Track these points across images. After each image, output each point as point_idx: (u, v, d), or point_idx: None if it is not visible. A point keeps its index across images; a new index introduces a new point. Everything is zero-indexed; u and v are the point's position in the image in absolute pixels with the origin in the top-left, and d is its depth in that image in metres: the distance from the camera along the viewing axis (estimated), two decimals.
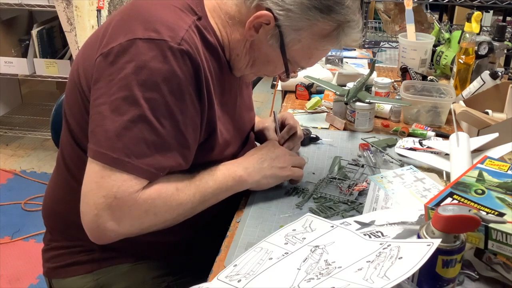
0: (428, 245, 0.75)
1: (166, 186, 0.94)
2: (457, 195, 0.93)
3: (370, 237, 0.89)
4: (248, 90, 1.24)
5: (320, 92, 1.71)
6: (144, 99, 0.88)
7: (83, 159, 0.93)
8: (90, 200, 0.89)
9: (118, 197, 0.88)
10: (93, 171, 0.89)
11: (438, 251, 0.75)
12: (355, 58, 2.07)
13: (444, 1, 2.22)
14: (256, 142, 1.29)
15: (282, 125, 1.25)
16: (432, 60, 1.96)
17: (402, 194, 1.12)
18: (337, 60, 1.83)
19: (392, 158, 1.31)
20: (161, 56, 0.88)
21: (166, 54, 0.88)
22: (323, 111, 1.61)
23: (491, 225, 0.81)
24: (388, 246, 0.81)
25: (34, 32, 2.86)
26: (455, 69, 1.69)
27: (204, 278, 0.89)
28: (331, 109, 1.59)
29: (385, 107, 1.56)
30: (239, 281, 0.82)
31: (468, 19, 1.63)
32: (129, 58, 0.88)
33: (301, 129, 1.29)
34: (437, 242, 0.75)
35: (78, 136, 1.01)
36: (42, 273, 1.16)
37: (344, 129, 1.48)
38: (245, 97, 1.21)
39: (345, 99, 1.44)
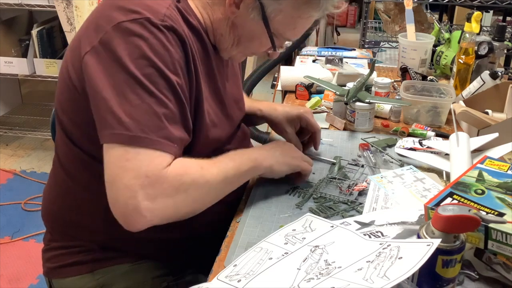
0: (428, 245, 0.75)
1: (190, 163, 0.94)
2: (457, 195, 0.93)
3: (370, 237, 0.89)
4: (236, 79, 1.23)
5: (320, 92, 1.71)
6: (143, 76, 0.88)
7: (79, 157, 0.92)
8: (120, 184, 0.87)
9: (149, 175, 0.87)
10: (115, 156, 0.88)
11: (438, 251, 0.75)
12: (355, 58, 2.07)
13: (444, 1, 2.22)
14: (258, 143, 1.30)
15: (301, 129, 1.29)
16: (432, 60, 1.96)
17: (402, 194, 1.12)
18: (337, 60, 1.83)
19: (392, 158, 1.31)
20: (147, 32, 0.89)
21: (151, 30, 0.89)
22: (323, 111, 1.61)
23: (491, 225, 0.81)
24: (388, 246, 0.81)
25: (34, 32, 2.86)
26: (455, 69, 1.68)
27: (204, 278, 0.89)
28: (331, 109, 1.59)
29: (385, 107, 1.56)
30: (239, 281, 0.82)
31: (468, 19, 1.63)
32: (118, 41, 0.89)
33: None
34: (437, 242, 0.75)
35: (73, 133, 1.01)
36: (42, 273, 1.16)
37: (344, 129, 1.48)
38: (233, 86, 1.20)
39: (345, 99, 1.44)
